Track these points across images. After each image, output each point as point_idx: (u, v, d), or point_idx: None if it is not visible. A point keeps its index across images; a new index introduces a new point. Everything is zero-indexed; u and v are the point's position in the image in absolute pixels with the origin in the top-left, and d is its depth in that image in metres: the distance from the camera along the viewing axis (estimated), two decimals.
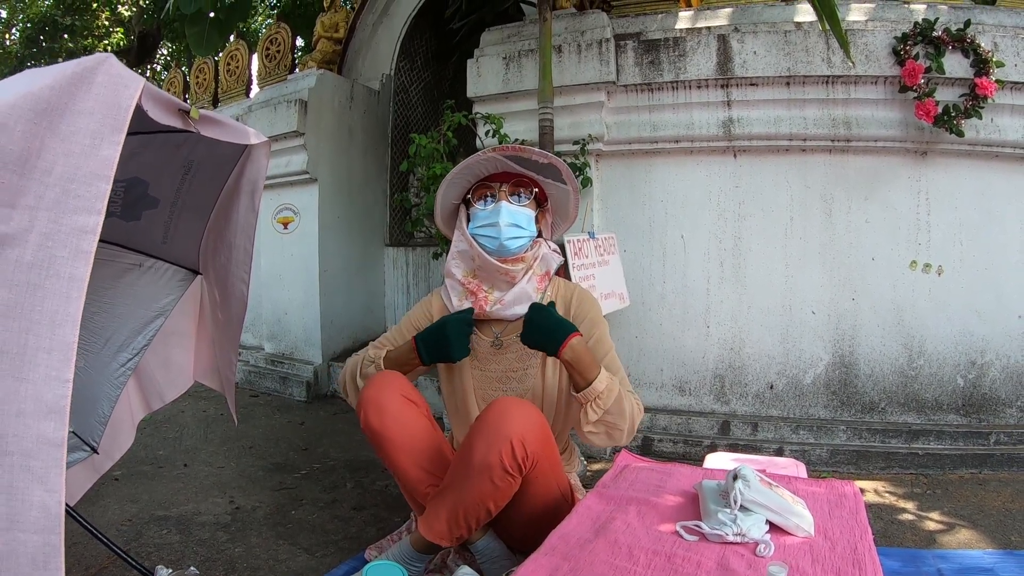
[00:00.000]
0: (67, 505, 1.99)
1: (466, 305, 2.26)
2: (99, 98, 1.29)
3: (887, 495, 3.14)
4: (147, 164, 2.04)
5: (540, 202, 2.35)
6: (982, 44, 3.48)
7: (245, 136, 1.86)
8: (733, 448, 3.55)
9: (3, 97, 1.22)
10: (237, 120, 2.08)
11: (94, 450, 2.41)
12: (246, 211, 2.11)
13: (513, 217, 2.21)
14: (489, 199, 2.27)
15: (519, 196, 2.27)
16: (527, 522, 2.06)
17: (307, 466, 3.56)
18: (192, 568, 2.32)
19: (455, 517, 1.97)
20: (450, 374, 2.35)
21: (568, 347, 1.99)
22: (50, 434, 1.17)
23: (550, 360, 2.26)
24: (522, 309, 2.23)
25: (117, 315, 2.39)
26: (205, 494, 3.14)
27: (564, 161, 2.26)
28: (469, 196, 2.33)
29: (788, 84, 3.70)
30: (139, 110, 1.39)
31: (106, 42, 15.29)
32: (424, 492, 2.13)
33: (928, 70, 3.50)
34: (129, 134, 1.34)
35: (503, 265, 2.21)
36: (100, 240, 2.21)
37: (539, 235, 2.34)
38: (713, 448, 3.54)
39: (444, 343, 2.14)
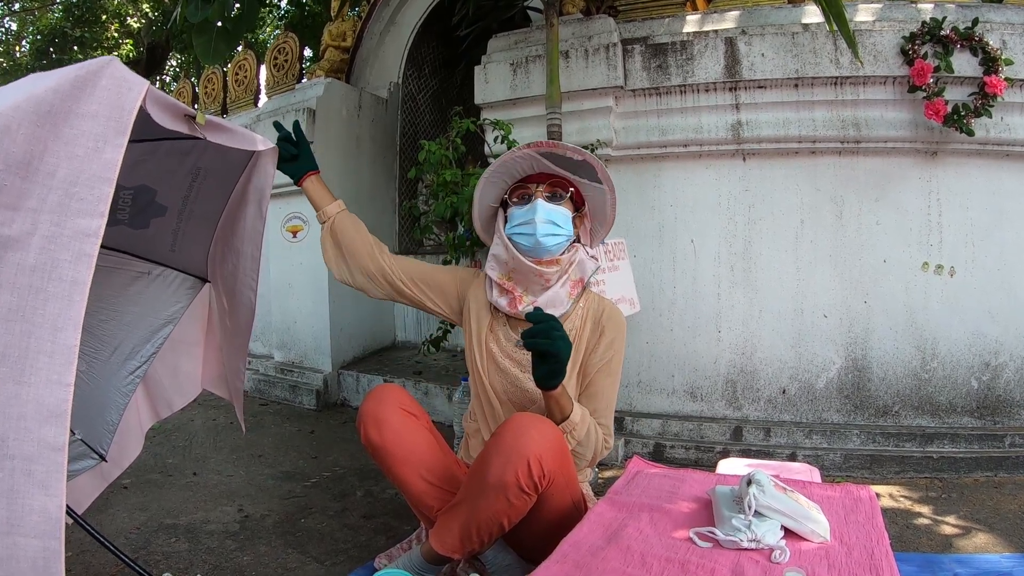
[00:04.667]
0: (75, 513, 2.00)
1: (504, 300, 2.24)
2: (102, 101, 1.28)
3: (902, 499, 3.11)
4: (154, 172, 2.04)
5: (577, 206, 2.32)
6: (990, 42, 3.46)
7: (252, 142, 1.86)
8: (745, 454, 3.53)
9: (7, 100, 1.21)
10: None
11: (102, 458, 2.40)
12: (254, 218, 2.10)
13: (549, 215, 2.17)
14: (526, 199, 2.24)
15: (556, 196, 2.23)
16: (540, 533, 2.04)
17: (317, 474, 3.55)
18: None
19: (468, 532, 1.96)
20: (471, 360, 2.34)
21: (559, 389, 2.00)
22: (51, 438, 1.16)
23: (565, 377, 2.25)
24: (554, 312, 2.21)
25: (125, 323, 2.38)
26: (214, 502, 3.13)
27: (603, 164, 2.23)
28: (506, 199, 2.31)
29: (796, 86, 3.69)
30: (145, 115, 1.38)
31: (115, 54, 15.38)
32: (429, 504, 2.12)
33: (937, 69, 3.48)
34: (136, 141, 1.34)
35: (537, 267, 2.17)
36: (108, 248, 2.24)
37: (578, 240, 2.32)
38: (725, 454, 3.52)
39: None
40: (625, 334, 2.32)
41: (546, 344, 1.85)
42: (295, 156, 2.31)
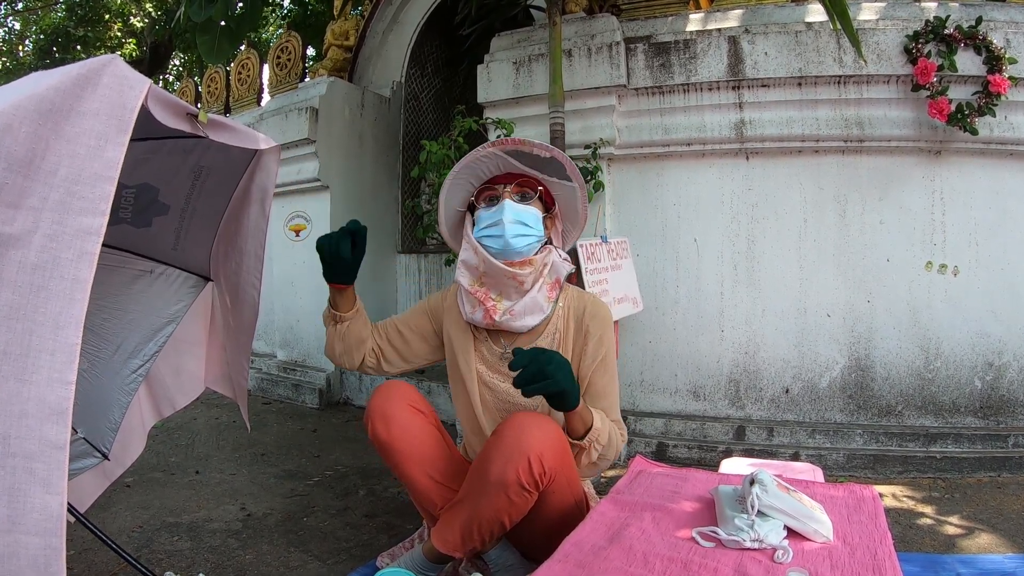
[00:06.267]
0: (77, 511, 2.00)
1: (478, 314, 2.19)
2: (104, 99, 1.28)
3: (905, 499, 3.10)
4: (157, 170, 2.03)
5: (548, 206, 2.28)
6: (994, 41, 3.45)
7: (254, 141, 1.85)
8: (748, 453, 3.52)
9: (9, 98, 1.21)
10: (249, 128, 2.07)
11: (105, 456, 2.40)
12: (257, 217, 2.10)
13: (518, 215, 2.13)
14: (493, 201, 2.20)
15: (524, 196, 2.19)
16: (542, 532, 2.04)
17: (319, 473, 3.55)
18: (202, 575, 2.31)
19: (469, 531, 1.95)
20: (459, 386, 2.32)
21: (589, 433, 1.98)
22: (53, 436, 1.16)
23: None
24: (533, 320, 2.18)
25: (128, 321, 2.38)
26: (216, 501, 3.13)
27: (572, 161, 2.20)
28: (473, 202, 2.26)
29: (800, 85, 3.68)
30: (147, 114, 1.38)
31: (118, 53, 15.37)
32: (434, 501, 2.11)
33: (940, 68, 3.47)
34: (138, 140, 1.33)
35: (510, 268, 2.12)
36: (111, 246, 2.24)
37: (549, 242, 2.27)
38: (728, 453, 3.52)
39: (331, 260, 2.15)
40: (611, 326, 2.29)
41: (548, 384, 1.82)
42: (345, 262, 2.16)
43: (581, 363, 2.22)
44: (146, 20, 14.91)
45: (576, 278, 3.25)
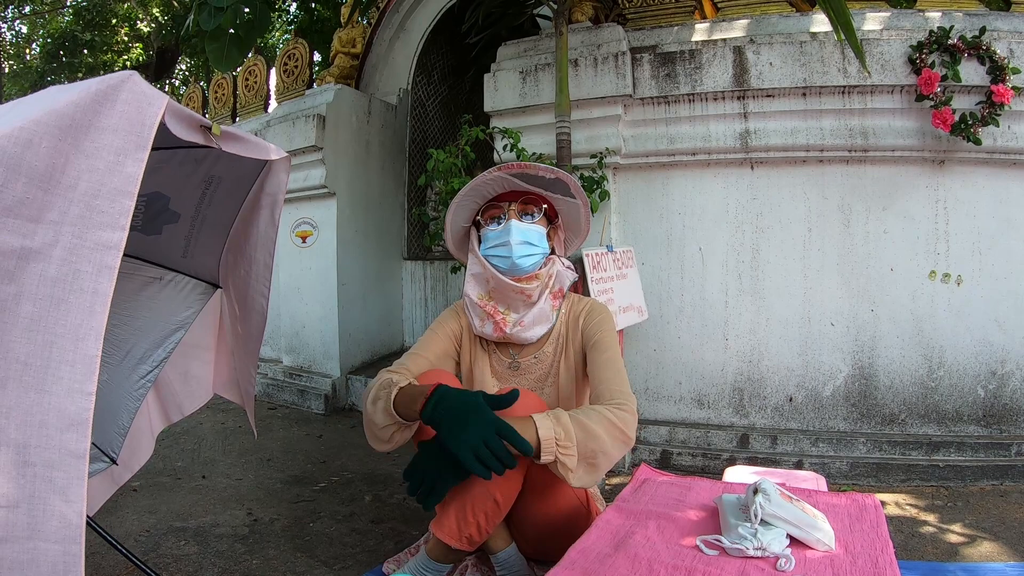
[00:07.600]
0: (87, 515, 2.01)
1: (488, 327, 2.23)
2: (123, 115, 1.30)
3: (908, 508, 3.11)
4: (168, 179, 2.06)
5: (551, 219, 2.33)
6: (998, 51, 3.47)
7: (266, 151, 1.87)
8: (752, 461, 3.53)
9: (29, 113, 1.23)
10: (256, 135, 2.06)
11: (113, 461, 2.42)
12: (266, 225, 2.12)
13: (524, 235, 2.19)
14: (499, 219, 2.24)
15: (530, 214, 2.24)
16: (544, 526, 2.04)
17: (325, 479, 3.56)
18: None
19: (463, 512, 1.94)
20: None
21: (541, 448, 1.77)
22: (72, 446, 1.18)
23: (563, 380, 2.26)
24: (541, 330, 2.23)
25: (137, 328, 2.40)
26: (223, 506, 3.15)
27: (577, 175, 2.22)
28: (479, 218, 2.31)
29: (804, 95, 3.70)
30: (162, 126, 1.40)
31: (125, 57, 15.50)
32: None
33: (944, 78, 3.48)
34: (151, 149, 1.35)
35: (518, 284, 2.18)
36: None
37: (552, 252, 2.32)
38: (732, 462, 3.53)
39: (456, 428, 1.77)
40: (609, 318, 2.27)
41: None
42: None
43: (584, 351, 2.23)
44: (153, 25, 14.99)
45: (582, 287, 3.28)
